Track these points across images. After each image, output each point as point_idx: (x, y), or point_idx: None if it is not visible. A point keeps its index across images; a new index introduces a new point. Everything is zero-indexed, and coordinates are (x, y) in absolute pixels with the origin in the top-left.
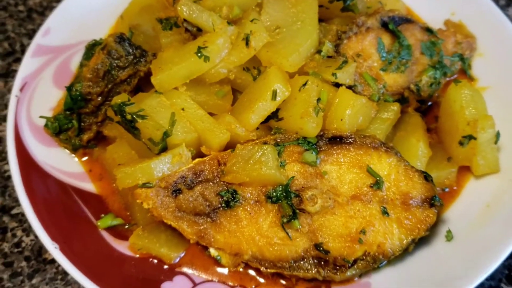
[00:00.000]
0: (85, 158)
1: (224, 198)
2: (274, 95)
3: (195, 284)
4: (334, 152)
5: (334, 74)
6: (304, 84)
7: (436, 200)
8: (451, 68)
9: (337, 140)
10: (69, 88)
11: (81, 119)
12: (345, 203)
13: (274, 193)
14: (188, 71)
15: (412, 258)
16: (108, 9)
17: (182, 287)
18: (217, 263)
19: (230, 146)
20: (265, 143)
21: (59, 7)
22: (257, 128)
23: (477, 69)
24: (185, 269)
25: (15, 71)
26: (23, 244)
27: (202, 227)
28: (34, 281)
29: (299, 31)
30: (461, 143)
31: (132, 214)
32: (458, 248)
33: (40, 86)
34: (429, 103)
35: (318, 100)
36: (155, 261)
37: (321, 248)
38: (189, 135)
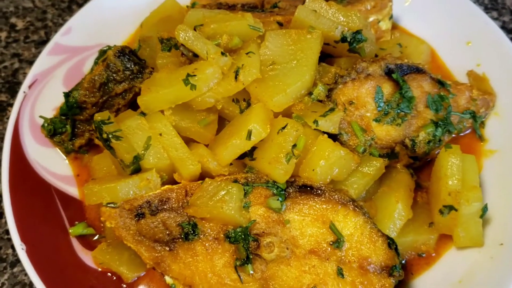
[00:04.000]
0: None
1: (184, 229)
2: (249, 134)
3: None
4: (301, 201)
5: (315, 122)
6: (283, 127)
7: (396, 270)
8: (459, 126)
9: (307, 189)
10: (67, 94)
11: (75, 125)
12: (302, 256)
13: (233, 234)
14: (174, 96)
15: None
16: (132, 15)
17: None
18: None
19: (204, 176)
20: (235, 180)
21: (83, 8)
22: (231, 164)
23: (490, 129)
24: None
25: None
26: None
27: (159, 254)
28: (15, 269)
29: (292, 71)
30: (441, 212)
31: (104, 226)
32: None
33: (49, 85)
34: (428, 159)
35: (294, 146)
36: (115, 277)
37: None
38: (160, 161)
